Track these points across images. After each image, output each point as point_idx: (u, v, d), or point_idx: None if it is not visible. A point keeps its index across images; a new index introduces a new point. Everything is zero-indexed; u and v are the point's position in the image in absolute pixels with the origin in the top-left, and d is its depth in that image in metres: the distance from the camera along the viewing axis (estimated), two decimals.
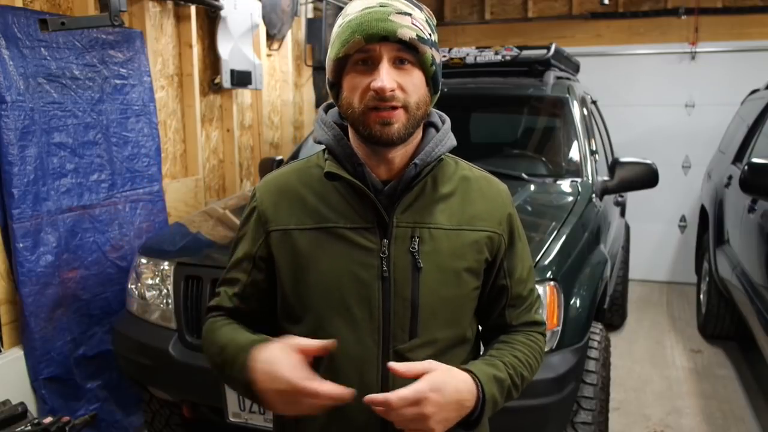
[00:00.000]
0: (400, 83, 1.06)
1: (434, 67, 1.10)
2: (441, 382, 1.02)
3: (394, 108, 1.06)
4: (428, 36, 1.09)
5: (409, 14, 1.07)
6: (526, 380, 1.19)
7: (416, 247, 1.13)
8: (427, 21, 1.12)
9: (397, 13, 1.06)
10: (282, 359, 1.03)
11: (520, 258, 1.24)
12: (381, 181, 1.14)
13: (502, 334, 1.24)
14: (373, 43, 1.05)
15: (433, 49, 1.09)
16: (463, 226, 1.17)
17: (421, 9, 1.13)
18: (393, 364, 1.02)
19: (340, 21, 1.10)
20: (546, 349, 1.33)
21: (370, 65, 1.06)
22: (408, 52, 1.06)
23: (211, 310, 1.28)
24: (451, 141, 1.20)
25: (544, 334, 1.28)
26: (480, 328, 1.29)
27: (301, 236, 1.16)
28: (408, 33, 1.05)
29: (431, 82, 1.12)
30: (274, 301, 1.23)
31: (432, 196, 1.16)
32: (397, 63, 1.07)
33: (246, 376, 1.07)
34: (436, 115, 1.23)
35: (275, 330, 1.22)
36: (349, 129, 1.15)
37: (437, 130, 1.19)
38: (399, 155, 1.14)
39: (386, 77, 1.04)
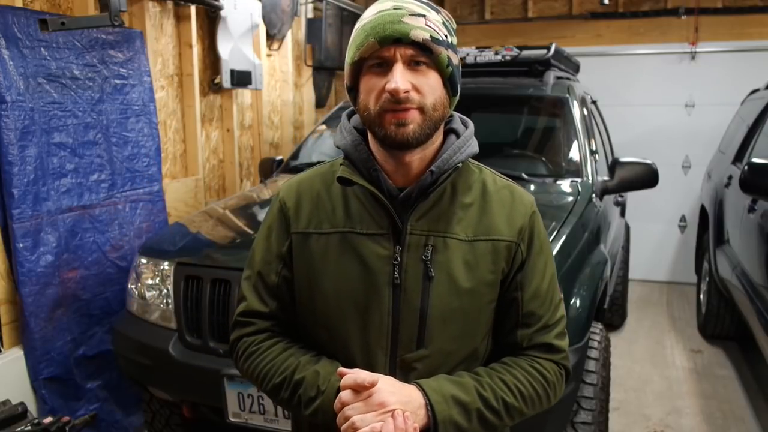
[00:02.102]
0: (415, 84, 1.05)
1: (451, 68, 1.08)
2: (392, 381, 1.06)
3: (409, 109, 1.05)
4: (443, 37, 1.07)
5: (423, 15, 1.06)
6: (514, 408, 1.11)
7: (429, 255, 1.11)
8: (444, 23, 1.10)
9: (411, 14, 1.05)
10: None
11: (539, 273, 1.17)
12: (398, 187, 1.13)
13: (509, 356, 1.18)
14: (387, 45, 1.04)
15: (449, 50, 1.07)
16: (479, 237, 1.13)
17: (438, 11, 1.11)
18: (342, 370, 1.05)
19: (357, 26, 1.10)
20: None
21: (385, 67, 1.05)
22: (422, 53, 1.05)
23: (241, 317, 1.23)
24: (472, 148, 1.17)
25: (560, 364, 1.18)
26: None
27: (318, 240, 1.16)
28: (421, 34, 1.03)
29: (448, 83, 1.09)
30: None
31: (450, 205, 1.14)
32: (413, 65, 1.05)
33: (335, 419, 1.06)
34: (458, 120, 1.20)
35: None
36: (368, 133, 1.14)
37: (458, 136, 1.16)
38: (416, 160, 1.12)
39: (400, 78, 1.03)
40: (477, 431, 1.09)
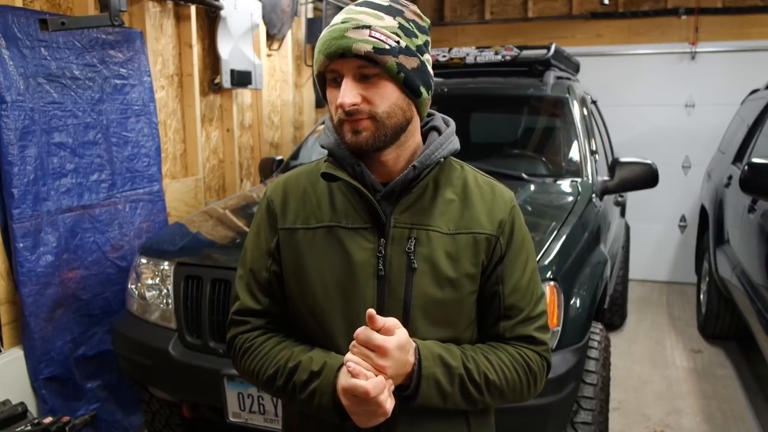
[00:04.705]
0: (366, 96, 1.08)
1: (403, 74, 1.09)
2: (405, 342, 1.06)
3: (361, 119, 1.09)
4: (393, 44, 1.08)
5: (368, 27, 1.07)
6: (495, 387, 1.14)
7: (412, 247, 1.14)
8: (400, 27, 1.10)
9: (355, 27, 1.07)
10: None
11: (519, 267, 1.20)
12: (381, 183, 1.16)
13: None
14: (335, 60, 1.08)
15: (401, 56, 1.08)
16: (461, 230, 1.17)
17: (396, 14, 1.11)
18: (371, 311, 1.04)
19: None
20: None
21: (340, 81, 1.10)
22: (369, 64, 1.07)
23: (236, 316, 1.26)
24: (454, 144, 1.20)
25: (541, 355, 1.20)
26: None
27: (304, 235, 1.19)
28: (363, 47, 1.06)
29: (406, 88, 1.11)
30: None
31: (433, 200, 1.17)
32: (363, 77, 1.08)
33: (332, 401, 1.09)
34: (440, 119, 1.24)
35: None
36: None
37: (440, 133, 1.20)
38: (391, 159, 1.16)
39: (347, 93, 1.07)
40: (456, 400, 1.12)
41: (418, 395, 1.09)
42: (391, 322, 1.05)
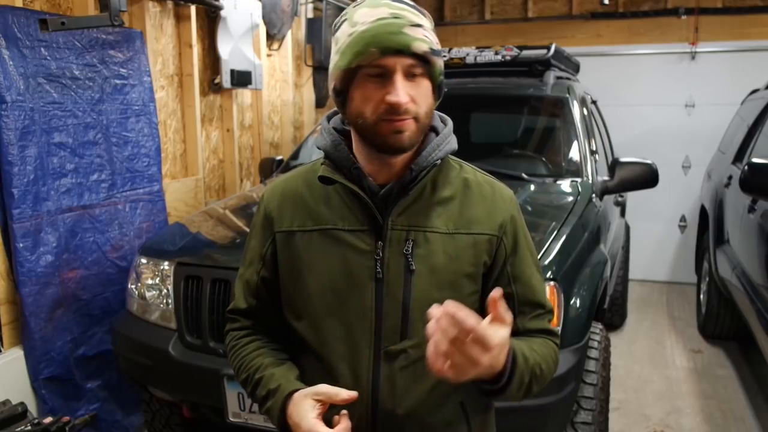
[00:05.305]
0: (412, 95, 1.07)
1: (441, 77, 1.12)
2: (507, 342, 0.99)
3: (406, 119, 1.08)
4: (437, 46, 1.10)
5: (421, 25, 1.07)
6: (544, 377, 1.17)
7: (410, 249, 1.14)
8: (432, 29, 1.12)
9: (411, 25, 1.06)
10: (306, 418, 1.08)
11: (527, 265, 1.22)
12: (378, 184, 1.15)
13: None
14: (388, 56, 1.04)
15: (440, 57, 1.11)
16: (460, 230, 1.16)
17: (425, 15, 1.12)
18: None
19: (349, 29, 1.08)
20: None
21: (384, 77, 1.06)
22: (419, 64, 1.07)
23: (229, 314, 1.32)
24: (451, 145, 1.19)
25: (557, 344, 1.24)
26: None
27: (301, 238, 1.19)
28: (422, 46, 1.06)
29: (437, 90, 1.13)
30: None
31: (430, 200, 1.17)
32: (409, 75, 1.07)
33: (281, 420, 1.15)
34: (438, 118, 1.23)
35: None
36: (353, 134, 1.16)
37: (437, 133, 1.19)
38: (400, 160, 1.15)
39: (401, 92, 1.05)
40: (524, 388, 1.12)
41: (508, 390, 1.08)
42: (507, 315, 0.97)
